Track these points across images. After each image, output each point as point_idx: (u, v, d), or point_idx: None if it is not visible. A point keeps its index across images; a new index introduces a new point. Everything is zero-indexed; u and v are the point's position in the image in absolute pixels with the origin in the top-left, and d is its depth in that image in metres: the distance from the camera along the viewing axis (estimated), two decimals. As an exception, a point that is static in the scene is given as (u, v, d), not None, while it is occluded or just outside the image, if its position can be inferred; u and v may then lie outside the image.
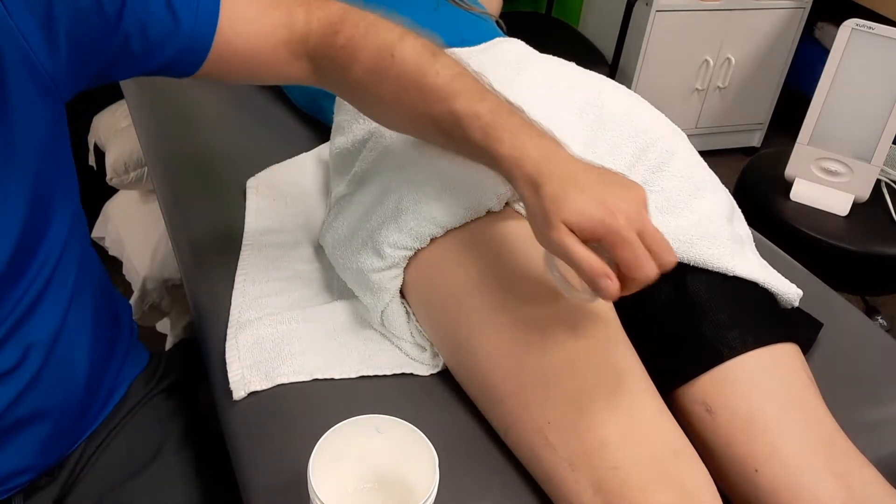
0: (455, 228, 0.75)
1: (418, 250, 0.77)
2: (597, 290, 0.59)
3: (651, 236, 0.59)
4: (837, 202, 1.48)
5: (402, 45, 0.68)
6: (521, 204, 0.76)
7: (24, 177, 0.61)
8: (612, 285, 0.58)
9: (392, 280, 0.78)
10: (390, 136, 0.84)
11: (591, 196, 0.59)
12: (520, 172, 0.63)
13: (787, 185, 1.52)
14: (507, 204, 0.77)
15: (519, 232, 0.75)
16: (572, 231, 0.59)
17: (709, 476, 0.64)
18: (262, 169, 1.07)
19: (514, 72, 0.88)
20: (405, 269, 0.78)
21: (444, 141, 0.71)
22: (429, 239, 0.76)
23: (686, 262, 0.76)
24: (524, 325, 0.69)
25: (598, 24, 2.58)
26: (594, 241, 0.59)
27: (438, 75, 0.67)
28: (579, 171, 0.62)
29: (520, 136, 0.64)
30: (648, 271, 0.58)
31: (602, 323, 0.70)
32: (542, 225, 0.61)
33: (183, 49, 0.66)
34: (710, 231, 0.78)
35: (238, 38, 0.68)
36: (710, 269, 0.76)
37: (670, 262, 0.59)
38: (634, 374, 0.68)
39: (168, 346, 1.65)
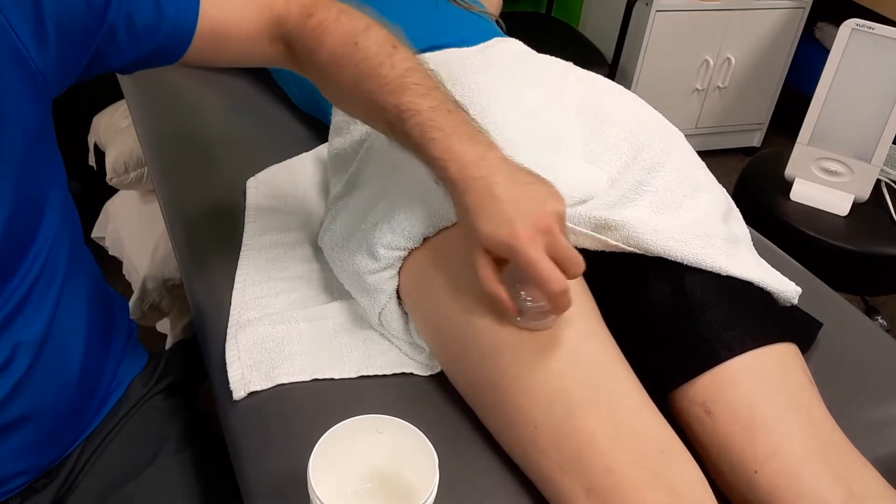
0: (447, 228, 0.75)
1: (412, 250, 0.77)
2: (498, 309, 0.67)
3: (558, 250, 0.63)
4: (837, 202, 1.48)
5: (367, 35, 0.71)
6: None
7: (11, 171, 0.61)
8: (505, 309, 0.65)
9: (387, 281, 0.78)
10: (386, 137, 0.84)
11: (501, 217, 0.63)
12: (445, 177, 0.67)
13: (787, 185, 1.52)
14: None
15: None
16: (488, 250, 0.64)
17: (699, 473, 0.64)
18: (262, 169, 1.07)
19: (513, 71, 0.88)
20: (400, 270, 0.78)
21: (388, 132, 0.73)
22: (422, 239, 0.76)
23: (681, 261, 0.76)
24: (496, 331, 0.69)
25: (598, 24, 2.58)
26: (504, 259, 0.65)
27: (393, 68, 0.70)
28: (500, 181, 0.65)
29: (451, 139, 0.66)
30: (552, 285, 0.62)
31: (584, 324, 0.70)
32: (465, 238, 0.67)
33: (167, 36, 0.67)
34: (704, 230, 0.78)
35: (227, 23, 0.70)
36: (704, 268, 0.76)
37: (576, 273, 0.64)
38: (617, 372, 0.68)
39: (168, 346, 1.65)
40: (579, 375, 0.66)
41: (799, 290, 0.83)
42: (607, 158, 0.80)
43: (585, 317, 0.72)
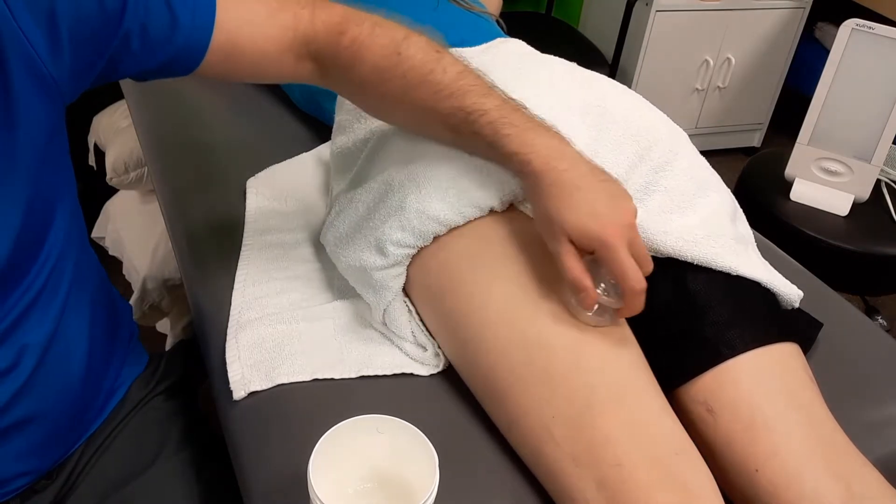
0: (458, 227, 0.76)
1: (421, 248, 0.77)
2: (576, 299, 0.67)
3: (636, 249, 0.66)
4: (837, 202, 1.48)
5: (408, 44, 0.71)
6: (526, 204, 0.77)
7: (23, 177, 0.61)
8: (587, 299, 0.66)
9: (395, 278, 0.78)
10: (392, 135, 0.84)
11: (590, 210, 0.65)
12: (528, 170, 0.68)
13: (787, 185, 1.52)
14: (510, 205, 0.78)
15: (522, 231, 0.75)
16: (571, 241, 0.65)
17: (711, 475, 0.64)
18: (263, 169, 1.07)
19: (516, 72, 0.88)
20: (408, 266, 0.78)
21: (452, 137, 0.73)
22: (432, 237, 0.76)
23: (690, 260, 0.76)
24: (531, 322, 0.69)
25: (598, 24, 2.58)
26: (589, 252, 0.66)
27: (445, 72, 0.70)
28: (584, 174, 0.67)
29: (527, 133, 0.68)
30: (634, 283, 0.65)
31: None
32: (545, 229, 0.68)
33: (181, 48, 0.67)
34: (713, 230, 0.78)
35: (245, 39, 0.69)
36: (713, 268, 0.76)
37: (648, 272, 0.67)
38: (640, 373, 0.69)
39: (168, 346, 1.65)
40: (606, 370, 0.67)
41: (801, 293, 0.83)
42: (613, 159, 0.80)
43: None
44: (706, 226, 0.78)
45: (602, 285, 0.68)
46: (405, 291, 0.80)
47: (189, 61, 0.68)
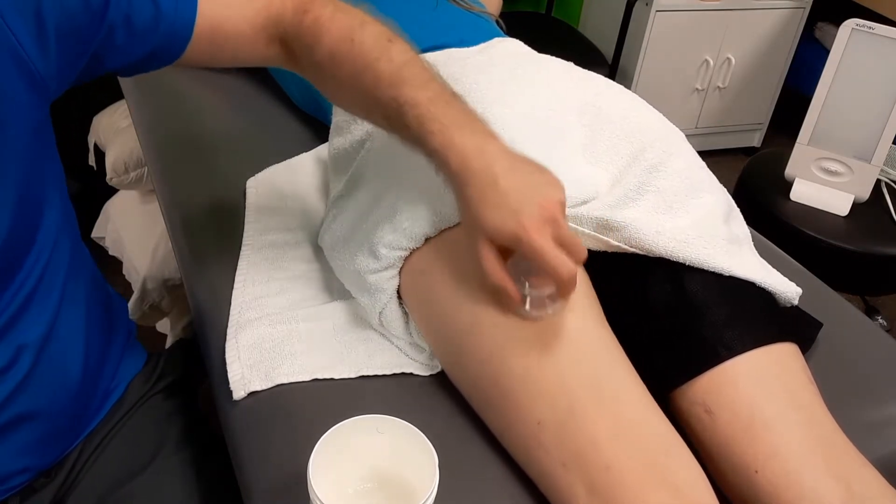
0: (449, 228, 0.75)
1: (413, 250, 0.77)
2: (503, 300, 0.67)
3: (563, 238, 0.64)
4: (837, 202, 1.48)
5: (363, 30, 0.70)
6: None
7: (12, 175, 0.61)
8: (511, 299, 0.65)
9: (388, 281, 0.78)
10: (387, 137, 0.84)
11: (507, 208, 0.63)
12: (445, 169, 0.66)
13: (787, 185, 1.52)
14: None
15: None
16: (493, 241, 0.64)
17: (702, 473, 0.64)
18: (263, 169, 1.07)
19: (513, 72, 0.88)
20: (401, 269, 0.78)
21: (388, 126, 0.72)
22: (423, 239, 0.76)
23: (683, 261, 0.76)
24: (511, 326, 0.69)
25: (598, 24, 2.58)
26: (511, 249, 0.65)
27: (391, 62, 0.69)
28: (504, 170, 0.65)
29: (450, 129, 0.66)
30: (562, 272, 0.62)
31: (588, 323, 0.70)
32: (466, 231, 0.67)
33: (165, 37, 0.67)
34: (706, 231, 0.78)
35: (227, 23, 0.70)
36: (706, 269, 0.76)
37: (580, 259, 0.64)
38: (621, 372, 0.68)
39: (168, 346, 1.65)
40: (583, 373, 0.66)
41: (799, 290, 0.83)
42: (608, 158, 0.80)
43: (592, 316, 0.72)
44: (698, 227, 0.78)
45: (530, 279, 0.66)
46: (400, 294, 0.80)
47: (173, 49, 0.69)
